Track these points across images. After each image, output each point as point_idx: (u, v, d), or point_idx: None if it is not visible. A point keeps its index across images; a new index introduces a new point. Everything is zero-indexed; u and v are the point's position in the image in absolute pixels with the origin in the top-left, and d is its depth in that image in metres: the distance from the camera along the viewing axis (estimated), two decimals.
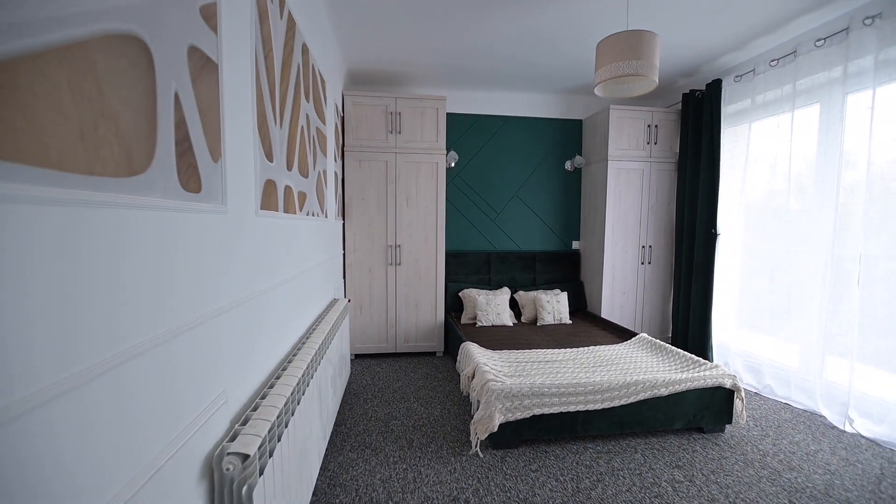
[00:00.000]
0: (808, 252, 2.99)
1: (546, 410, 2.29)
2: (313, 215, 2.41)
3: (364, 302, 3.81)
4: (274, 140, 1.62)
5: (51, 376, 0.58)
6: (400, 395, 3.06)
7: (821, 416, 2.78)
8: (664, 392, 2.41)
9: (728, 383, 2.48)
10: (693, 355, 2.81)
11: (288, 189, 1.82)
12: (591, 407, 2.34)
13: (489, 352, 3.01)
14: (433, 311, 3.93)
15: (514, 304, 4.25)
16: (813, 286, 2.96)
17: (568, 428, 2.35)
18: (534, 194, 4.52)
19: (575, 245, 4.63)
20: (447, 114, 4.30)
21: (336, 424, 2.59)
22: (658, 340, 3.16)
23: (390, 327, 3.87)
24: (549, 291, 4.22)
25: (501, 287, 4.30)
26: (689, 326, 3.89)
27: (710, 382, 2.46)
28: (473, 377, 2.62)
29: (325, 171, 2.77)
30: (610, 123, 3.98)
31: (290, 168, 1.85)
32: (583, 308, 4.42)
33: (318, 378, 1.94)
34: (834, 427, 2.63)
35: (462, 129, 4.36)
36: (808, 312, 2.98)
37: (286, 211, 1.79)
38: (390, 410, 2.82)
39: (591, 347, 3.18)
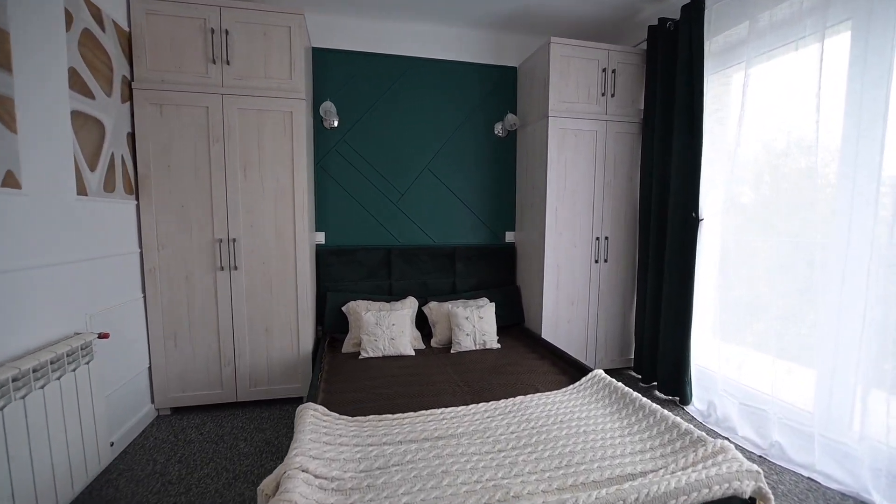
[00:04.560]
0: (837, 243, 1.95)
1: None
2: None
3: (180, 327, 2.44)
4: None
5: None
6: None
7: (871, 502, 1.74)
8: None
9: (748, 489, 1.35)
10: (678, 419, 1.69)
11: None
12: None
13: (341, 421, 1.76)
14: (294, 336, 2.62)
15: (425, 321, 3.02)
16: (842, 288, 1.91)
17: None
18: (452, 168, 3.29)
19: (509, 237, 3.46)
20: (319, 50, 2.98)
21: None
22: (619, 385, 2.02)
23: (226, 365, 2.53)
24: (471, 302, 3.02)
25: (406, 297, 3.05)
26: (659, 348, 2.80)
27: (717, 493, 1.31)
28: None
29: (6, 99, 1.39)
30: (551, 64, 2.80)
31: None
32: (520, 323, 3.26)
33: None
34: None
35: (347, 74, 3.05)
36: (834, 328, 1.94)
37: None
38: None
39: (520, 399, 2.01)
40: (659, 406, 1.81)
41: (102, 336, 1.85)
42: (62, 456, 1.58)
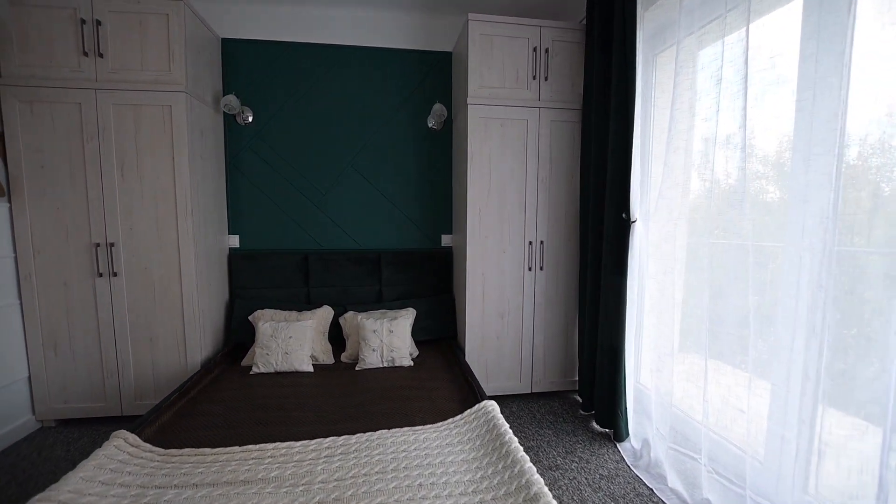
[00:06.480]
0: (790, 248, 1.52)
1: None
2: None
3: (60, 335, 2.32)
4: None
5: None
6: None
7: None
8: None
9: None
10: (535, 478, 1.34)
11: None
12: None
13: (147, 455, 1.54)
14: (181, 346, 2.43)
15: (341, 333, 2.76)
16: (797, 305, 1.48)
17: None
18: (380, 165, 3.01)
19: (446, 241, 3.13)
20: (231, 41, 2.79)
21: None
22: (500, 423, 1.67)
23: (109, 376, 2.38)
24: (390, 313, 2.73)
25: (322, 305, 2.81)
26: (596, 370, 2.41)
27: None
28: None
29: None
30: (469, 45, 2.47)
31: None
32: (451, 336, 2.93)
33: None
34: None
35: (262, 66, 2.85)
36: (787, 353, 1.51)
37: None
38: None
39: (378, 434, 1.71)
40: (524, 456, 1.46)
41: None
42: None
